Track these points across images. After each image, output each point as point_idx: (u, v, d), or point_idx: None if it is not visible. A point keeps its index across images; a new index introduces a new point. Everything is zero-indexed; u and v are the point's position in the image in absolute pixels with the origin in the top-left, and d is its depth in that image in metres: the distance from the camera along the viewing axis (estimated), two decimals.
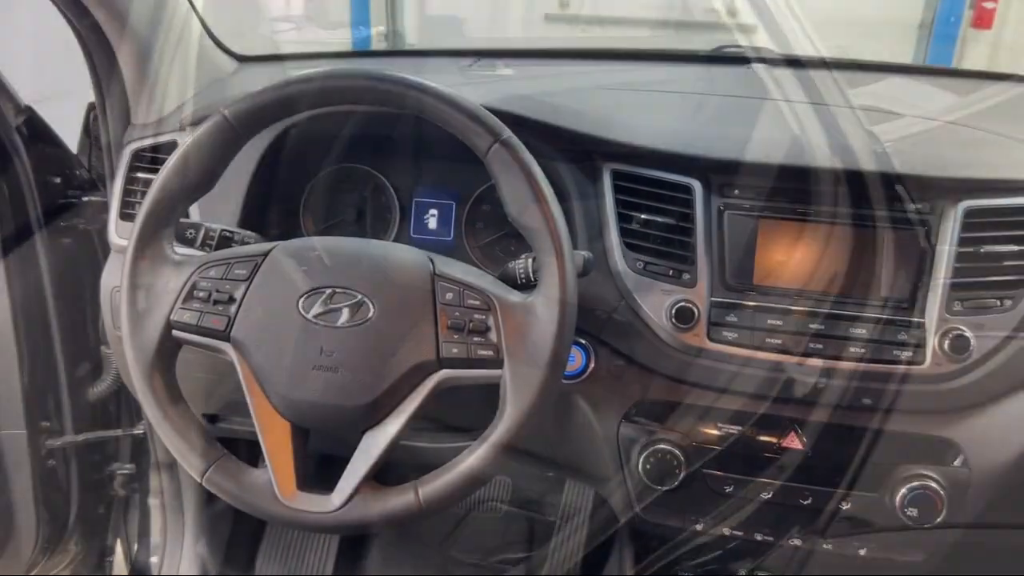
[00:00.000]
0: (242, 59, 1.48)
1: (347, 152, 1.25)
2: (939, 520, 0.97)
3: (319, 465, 1.61)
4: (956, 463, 0.98)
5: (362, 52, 3.63)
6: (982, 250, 0.98)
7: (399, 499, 0.84)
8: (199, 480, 0.88)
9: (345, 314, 0.85)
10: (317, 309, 0.86)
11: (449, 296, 0.85)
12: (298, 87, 0.88)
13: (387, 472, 0.88)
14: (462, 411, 1.14)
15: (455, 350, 0.84)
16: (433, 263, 0.88)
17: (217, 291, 0.88)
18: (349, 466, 0.85)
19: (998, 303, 0.98)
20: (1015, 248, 0.98)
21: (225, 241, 1.02)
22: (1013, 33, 5.24)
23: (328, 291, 0.86)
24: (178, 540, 1.58)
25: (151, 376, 0.88)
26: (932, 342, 0.97)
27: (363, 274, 0.87)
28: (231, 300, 0.88)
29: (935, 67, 4.31)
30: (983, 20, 5.14)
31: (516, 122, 0.92)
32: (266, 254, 0.90)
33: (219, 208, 1.14)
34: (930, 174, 1.01)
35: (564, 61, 1.61)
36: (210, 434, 0.90)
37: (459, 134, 0.87)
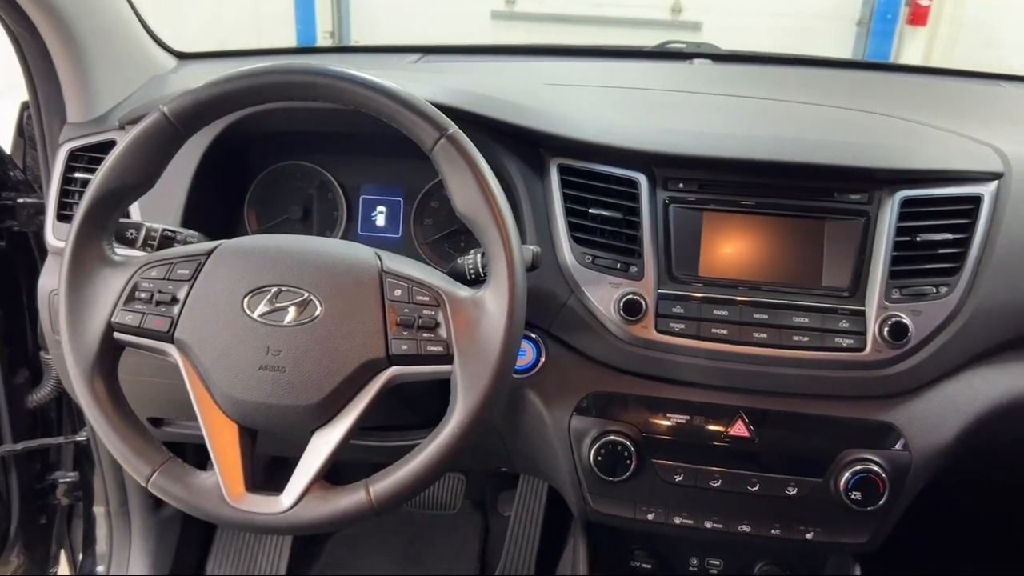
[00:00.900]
0: (182, 56, 1.45)
1: (292, 149, 1.24)
2: (881, 502, 0.99)
3: (269, 467, 1.60)
4: (897, 446, 1.01)
5: (306, 48, 3.59)
6: (919, 239, 1.01)
7: (350, 498, 0.83)
8: (145, 485, 0.86)
9: (291, 312, 0.84)
10: (263, 308, 0.84)
11: (398, 292, 0.85)
12: (239, 83, 0.87)
13: (339, 473, 0.88)
14: (414, 408, 1.14)
15: (404, 347, 0.84)
16: (381, 259, 0.87)
17: (159, 292, 0.86)
18: (299, 466, 0.84)
19: (935, 290, 1.00)
20: (949, 236, 1.01)
21: (167, 241, 0.99)
22: (947, 29, 5.40)
23: (274, 289, 0.85)
24: (125, 548, 1.55)
25: (92, 381, 0.86)
26: (872, 329, 1.00)
27: (309, 271, 0.86)
28: (174, 301, 0.86)
29: (873, 62, 4.42)
30: (918, 17, 5.29)
31: (462, 117, 0.92)
32: (209, 253, 0.88)
33: (160, 207, 1.12)
34: (868, 165, 1.04)
35: (510, 57, 1.61)
36: (155, 438, 0.88)
37: (405, 130, 0.86)
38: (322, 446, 0.84)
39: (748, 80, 1.52)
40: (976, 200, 1.03)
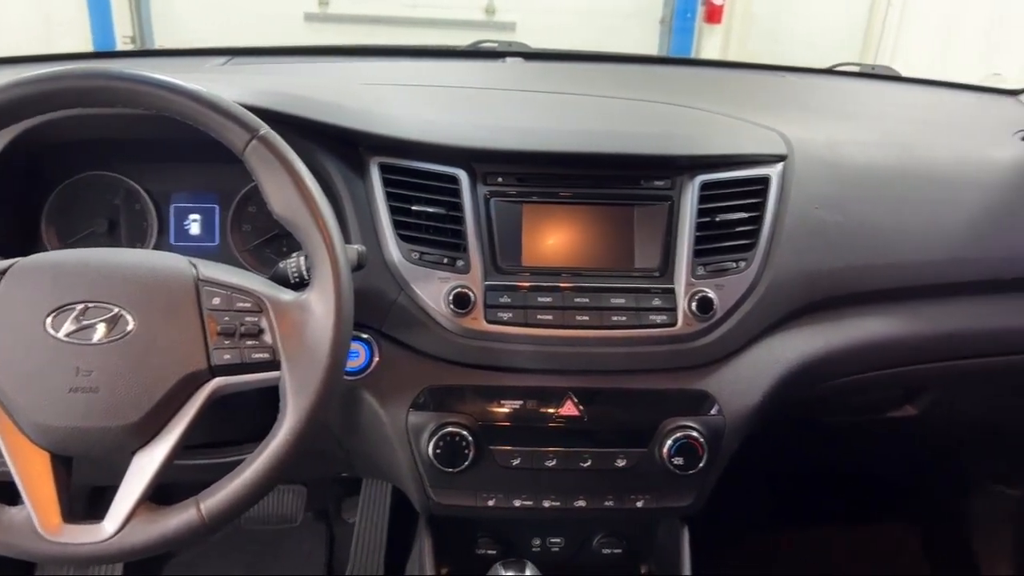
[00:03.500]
0: None
1: (93, 158, 1.16)
2: (701, 465, 1.06)
3: (91, 498, 1.49)
4: (712, 412, 1.08)
5: (106, 52, 3.35)
6: (717, 219, 1.09)
7: (180, 517, 0.80)
8: None
9: (101, 329, 0.79)
10: (68, 327, 0.79)
11: (216, 301, 0.82)
12: (28, 89, 0.81)
13: (171, 498, 0.84)
14: (245, 421, 1.11)
15: (227, 356, 0.81)
16: (196, 268, 0.84)
17: None
18: (121, 489, 0.80)
19: (735, 265, 1.09)
20: (744, 215, 1.10)
21: None
22: (739, 26, 5.83)
23: (79, 306, 0.80)
24: None
25: None
26: (682, 305, 1.07)
27: (118, 285, 0.81)
28: None
29: (674, 57, 4.70)
30: (713, 15, 5.68)
31: (274, 118, 0.90)
32: (3, 273, 0.82)
33: None
34: (669, 153, 1.11)
35: (324, 58, 1.59)
36: None
37: (213, 133, 0.84)
38: (146, 466, 0.80)
39: (559, 76, 1.58)
40: (765, 181, 1.12)
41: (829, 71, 1.78)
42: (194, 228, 1.20)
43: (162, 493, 0.84)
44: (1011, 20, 5.01)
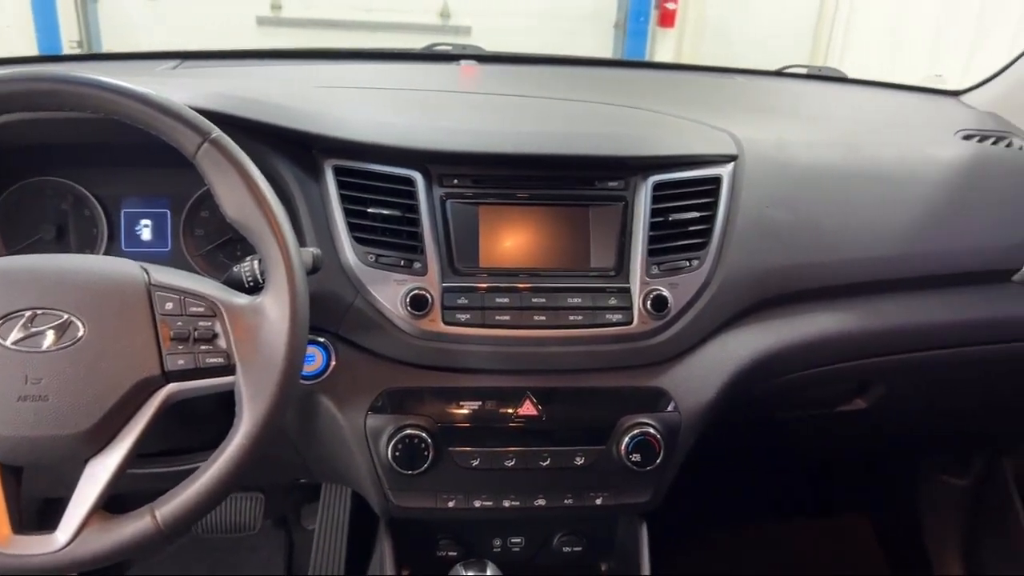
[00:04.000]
0: None
1: (39, 163, 1.14)
2: (658, 461, 1.07)
3: (43, 511, 1.46)
4: (668, 409, 1.10)
5: (52, 56, 3.28)
6: (671, 218, 1.11)
7: (135, 525, 0.79)
8: None
9: (50, 337, 0.78)
10: (16, 335, 0.78)
11: (169, 306, 0.81)
12: None
13: (124, 507, 0.82)
14: (200, 427, 1.10)
15: (181, 361, 0.81)
16: (148, 273, 0.83)
17: None
18: (74, 497, 0.79)
19: (688, 264, 1.11)
20: (696, 214, 1.12)
21: None
22: (692, 29, 5.92)
23: (28, 313, 0.78)
24: None
25: None
26: (637, 304, 1.08)
27: (67, 291, 0.80)
28: None
29: (627, 60, 4.76)
30: (666, 19, 5.76)
31: (227, 122, 0.89)
32: None
33: None
34: (623, 154, 1.13)
35: (277, 61, 1.58)
36: None
37: (164, 136, 0.83)
38: (98, 474, 0.79)
39: (513, 79, 1.59)
40: (716, 181, 1.14)
41: (778, 73, 1.82)
42: (145, 233, 1.18)
43: (118, 504, 0.83)
44: (953, 25, 5.17)
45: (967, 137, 1.44)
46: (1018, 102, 1.53)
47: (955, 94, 1.72)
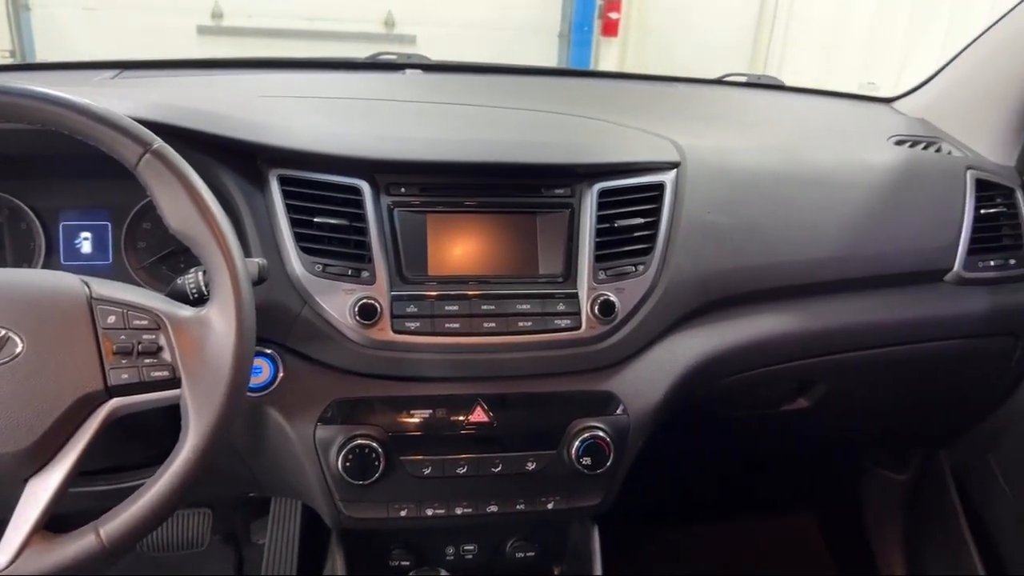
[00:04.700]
0: None
1: None
2: (608, 464, 1.09)
3: None
4: (618, 412, 1.11)
5: None
6: (616, 224, 1.13)
7: (78, 544, 0.77)
8: None
9: None
10: None
11: (111, 319, 0.80)
12: None
13: (68, 526, 0.80)
14: (146, 443, 1.07)
15: (125, 375, 0.79)
16: (89, 286, 0.81)
17: None
18: (13, 518, 0.76)
19: (634, 269, 1.13)
20: (641, 220, 1.14)
21: None
22: (635, 39, 6.01)
23: None
24: None
25: None
26: (585, 309, 1.09)
27: (4, 306, 0.78)
28: None
29: (572, 69, 4.80)
30: (609, 29, 5.84)
31: (168, 132, 0.88)
32: None
33: None
34: (568, 162, 1.14)
35: (218, 71, 1.56)
36: None
37: (104, 147, 0.81)
38: (40, 493, 0.77)
39: (458, 88, 1.60)
40: (660, 187, 1.17)
41: (718, 81, 1.85)
42: (85, 247, 1.15)
43: (61, 523, 0.81)
44: (885, 34, 5.34)
45: (899, 142, 1.49)
46: (945, 108, 1.59)
47: (887, 101, 1.77)
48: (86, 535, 0.77)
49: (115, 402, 0.79)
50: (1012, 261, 1.37)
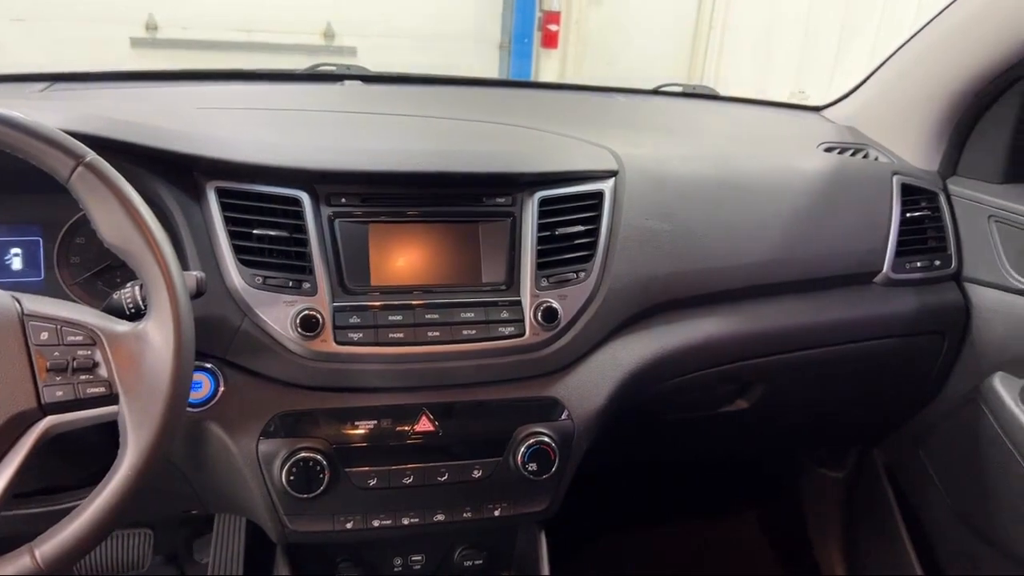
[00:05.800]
0: None
1: None
2: (554, 469, 1.10)
3: None
4: (562, 417, 1.12)
5: None
6: (557, 232, 1.14)
7: (12, 565, 0.75)
8: None
9: None
10: None
11: (44, 336, 0.78)
12: None
13: (1, 549, 0.78)
14: (83, 462, 1.05)
15: (60, 392, 0.77)
16: (20, 303, 0.79)
17: None
18: None
19: (575, 276, 1.14)
20: (581, 228, 1.16)
21: None
22: (575, 51, 6.08)
23: None
24: None
25: None
26: (528, 316, 1.11)
27: None
28: None
29: (512, 80, 4.84)
30: (549, 40, 5.90)
31: (101, 145, 0.87)
32: None
33: None
34: (509, 171, 1.15)
35: (152, 83, 1.53)
36: None
37: (35, 161, 0.79)
38: None
39: (398, 99, 1.60)
40: (599, 195, 1.19)
41: (655, 91, 1.89)
42: (15, 263, 1.12)
43: None
44: (816, 44, 5.50)
45: (828, 149, 1.54)
46: (872, 116, 1.65)
47: (817, 109, 1.83)
48: (21, 556, 0.75)
49: (50, 420, 0.78)
50: (937, 262, 1.42)
